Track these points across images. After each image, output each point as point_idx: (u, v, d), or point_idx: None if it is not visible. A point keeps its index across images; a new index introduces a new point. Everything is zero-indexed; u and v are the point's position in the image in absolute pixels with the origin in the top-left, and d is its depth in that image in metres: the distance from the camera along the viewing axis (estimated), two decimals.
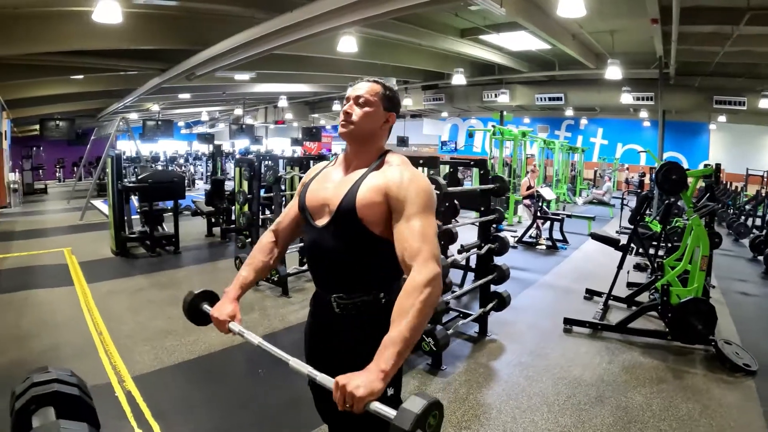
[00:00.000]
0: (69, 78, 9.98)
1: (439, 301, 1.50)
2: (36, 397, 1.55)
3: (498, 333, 4.33)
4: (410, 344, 1.31)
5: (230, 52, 7.50)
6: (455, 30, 8.62)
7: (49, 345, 4.13)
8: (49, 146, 20.56)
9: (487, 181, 4.33)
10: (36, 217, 11.55)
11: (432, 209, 1.53)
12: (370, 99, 1.64)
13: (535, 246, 8.08)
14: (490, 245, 4.32)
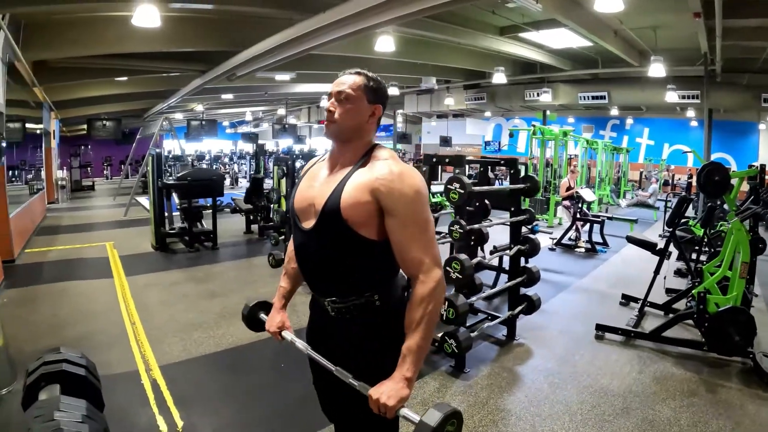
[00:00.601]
0: (114, 80, 10.39)
1: (443, 297, 1.51)
2: (45, 374, 1.63)
3: (527, 337, 4.19)
4: (425, 350, 1.44)
5: (268, 53, 7.62)
6: (494, 28, 8.50)
7: (83, 333, 4.29)
8: (97, 145, 21.43)
9: (518, 180, 4.20)
10: (82, 213, 12.06)
11: (426, 203, 1.48)
12: (351, 93, 1.53)
13: (573, 249, 7.83)
14: (519, 247, 4.19)
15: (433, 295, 1.42)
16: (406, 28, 7.52)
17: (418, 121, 23.90)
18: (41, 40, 6.42)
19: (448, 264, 3.55)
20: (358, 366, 1.53)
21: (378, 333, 1.57)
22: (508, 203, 4.30)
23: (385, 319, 1.56)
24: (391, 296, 1.57)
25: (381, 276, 1.56)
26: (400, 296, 1.62)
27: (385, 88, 1.62)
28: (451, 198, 3.57)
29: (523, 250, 4.20)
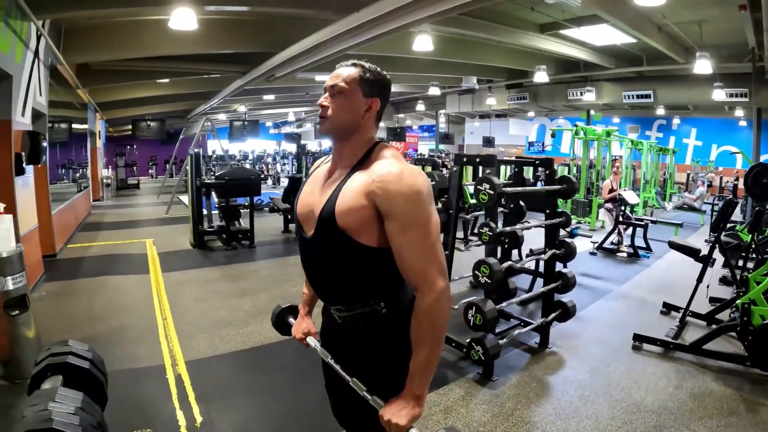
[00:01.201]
0: (156, 82, 10.68)
1: (448, 311, 1.39)
2: (50, 365, 1.70)
3: (560, 345, 3.99)
4: (434, 365, 1.37)
5: (305, 53, 7.65)
6: (534, 25, 8.27)
7: (115, 326, 4.39)
8: (143, 145, 22.21)
9: (553, 181, 4.02)
10: (125, 210, 12.48)
11: (430, 207, 1.36)
12: (344, 87, 1.43)
13: (615, 253, 7.49)
14: (554, 251, 4.00)
15: (434, 310, 1.33)
16: (443, 26, 7.40)
17: (461, 122, 23.68)
18: (81, 44, 6.65)
19: (477, 268, 3.43)
20: (364, 371, 1.49)
21: (384, 339, 1.49)
22: (545, 205, 4.12)
23: (391, 325, 1.48)
24: (398, 303, 1.48)
25: (386, 284, 1.46)
26: (409, 302, 1.50)
27: (383, 80, 1.49)
28: (481, 199, 3.44)
29: (558, 255, 4.00)
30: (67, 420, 1.05)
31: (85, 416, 1.19)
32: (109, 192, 15.27)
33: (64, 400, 1.22)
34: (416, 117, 24.44)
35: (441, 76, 11.99)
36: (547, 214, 4.07)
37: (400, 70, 10.81)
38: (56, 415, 1.07)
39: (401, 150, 21.36)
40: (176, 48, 7.04)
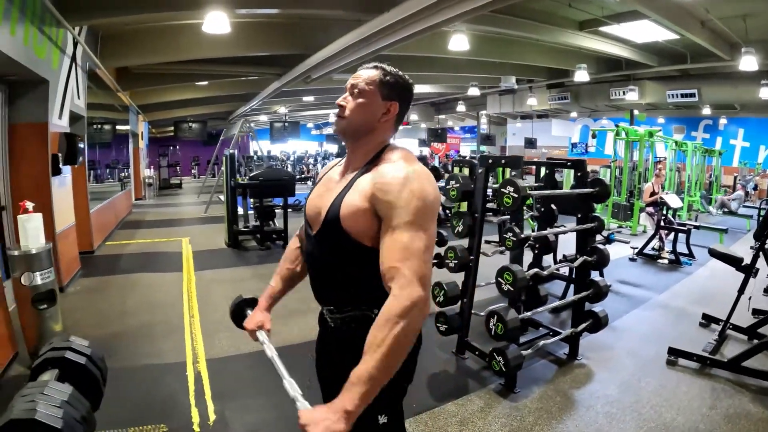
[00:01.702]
0: (194, 84, 10.95)
1: (419, 328, 1.23)
2: (49, 359, 1.70)
3: (590, 357, 3.79)
4: (380, 384, 1.17)
5: (339, 54, 7.66)
6: (573, 23, 7.99)
7: (144, 322, 4.50)
8: (185, 145, 22.87)
9: (585, 184, 3.83)
10: (165, 209, 12.86)
11: (428, 217, 1.28)
12: (364, 88, 1.40)
13: (656, 260, 7.12)
14: (585, 257, 3.81)
15: (404, 316, 1.17)
16: (479, 25, 7.25)
17: (503, 123, 23.30)
18: (118, 49, 6.89)
19: (500, 274, 3.30)
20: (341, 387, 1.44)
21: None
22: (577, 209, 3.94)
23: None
24: None
25: (382, 289, 1.37)
26: None
27: (404, 84, 1.45)
28: (505, 202, 3.31)
29: (590, 262, 3.80)
30: (50, 413, 1.08)
31: (70, 410, 1.22)
32: (151, 191, 15.79)
33: (52, 393, 1.25)
34: (458, 118, 24.19)
35: (479, 76, 11.80)
36: (578, 219, 3.90)
37: (437, 70, 10.69)
38: (41, 407, 1.10)
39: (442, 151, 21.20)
40: (210, 51, 7.18)
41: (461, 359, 3.80)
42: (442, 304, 3.78)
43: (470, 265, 3.79)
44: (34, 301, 3.27)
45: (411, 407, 3.06)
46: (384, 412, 1.39)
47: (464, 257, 3.77)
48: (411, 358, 1.49)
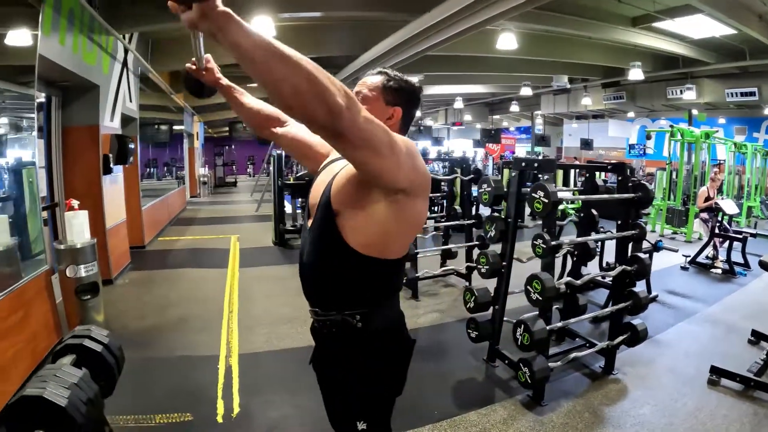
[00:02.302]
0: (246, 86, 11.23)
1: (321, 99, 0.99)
2: (68, 345, 1.77)
3: (626, 372, 3.59)
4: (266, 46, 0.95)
5: (386, 55, 7.71)
6: (625, 19, 7.64)
7: (184, 315, 4.68)
8: (241, 145, 23.66)
9: (626, 188, 3.64)
10: (218, 207, 13.34)
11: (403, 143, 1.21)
12: (367, 95, 1.41)
13: (709, 269, 6.66)
14: (624, 267, 3.61)
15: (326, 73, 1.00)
16: (526, 23, 7.10)
17: (559, 123, 22.60)
18: (168, 53, 7.25)
19: (529, 282, 3.19)
20: (328, 388, 1.51)
21: (354, 362, 1.42)
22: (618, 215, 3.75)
23: (364, 349, 1.41)
24: (375, 321, 1.40)
25: (367, 296, 1.39)
26: (388, 325, 1.45)
27: (409, 89, 1.44)
28: (535, 208, 3.20)
29: (629, 272, 3.61)
30: (57, 392, 1.15)
31: (78, 391, 1.27)
32: (206, 189, 16.41)
33: (63, 376, 1.32)
34: (513, 118, 23.70)
35: (531, 76, 11.52)
36: (618, 226, 3.71)
37: (487, 69, 10.55)
38: (50, 387, 1.18)
39: (497, 152, 20.83)
40: None
41: (491, 367, 3.71)
42: (473, 310, 3.70)
43: (502, 272, 3.70)
44: (77, 292, 3.48)
45: (432, 414, 3.02)
46: (363, 419, 1.39)
47: (496, 263, 3.68)
48: (397, 371, 1.48)
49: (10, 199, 3.89)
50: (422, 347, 4.21)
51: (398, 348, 1.48)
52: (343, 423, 1.45)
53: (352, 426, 1.39)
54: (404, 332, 1.52)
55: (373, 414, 1.42)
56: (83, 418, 1.09)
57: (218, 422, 2.92)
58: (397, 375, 1.47)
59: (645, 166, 17.92)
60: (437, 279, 5.88)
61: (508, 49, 7.63)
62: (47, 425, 1.06)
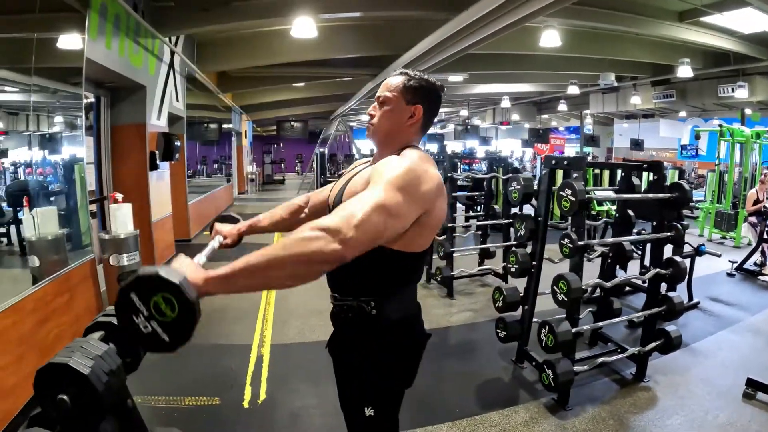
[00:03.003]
0: (291, 86, 11.54)
1: (320, 263, 1.07)
2: (99, 322, 1.99)
3: (658, 380, 3.45)
4: (252, 274, 1.03)
5: (426, 54, 7.68)
6: (672, 13, 7.28)
7: (221, 306, 4.84)
8: (290, 143, 24.20)
9: (662, 189, 3.50)
10: (265, 203, 13.69)
11: (403, 188, 1.22)
12: (388, 96, 1.48)
13: (756, 276, 6.24)
14: (659, 270, 3.47)
15: (306, 238, 1.04)
16: (569, 19, 6.89)
17: (609, 123, 21.84)
18: (214, 54, 7.53)
19: (555, 283, 3.13)
20: (341, 373, 1.56)
21: (368, 348, 1.46)
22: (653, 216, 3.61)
23: (378, 336, 1.45)
24: (389, 309, 1.44)
25: (382, 283, 1.44)
26: (403, 313, 1.49)
27: (428, 87, 1.50)
28: (562, 206, 3.14)
29: (663, 275, 3.46)
30: (82, 361, 1.21)
31: (101, 362, 1.34)
32: (253, 186, 16.90)
33: (89, 348, 1.38)
34: (562, 117, 23.05)
35: (577, 74, 11.19)
36: (653, 227, 3.57)
37: (531, 68, 10.32)
38: (76, 356, 1.24)
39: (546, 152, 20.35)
40: (300, 55, 7.55)
41: (519, 368, 3.67)
42: (502, 309, 3.67)
43: (532, 271, 3.64)
44: (119, 279, 3.70)
45: (453, 411, 3.03)
46: (371, 405, 1.44)
47: (526, 262, 3.63)
48: (409, 365, 1.51)
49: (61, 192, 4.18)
50: (452, 345, 4.26)
51: (411, 342, 1.52)
52: (352, 407, 1.50)
53: (360, 411, 1.44)
54: (418, 325, 1.55)
55: (381, 402, 1.46)
56: (104, 387, 1.14)
57: (244, 407, 3.05)
58: (408, 369, 1.51)
59: (697, 168, 17.03)
60: (474, 278, 5.85)
61: (552, 47, 7.46)
62: (70, 391, 1.11)
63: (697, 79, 10.67)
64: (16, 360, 2.68)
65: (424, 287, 5.59)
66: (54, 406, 1.06)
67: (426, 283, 5.71)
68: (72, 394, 1.08)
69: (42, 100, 3.92)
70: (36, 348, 2.87)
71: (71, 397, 1.07)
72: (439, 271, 5.33)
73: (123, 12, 4.42)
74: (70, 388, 1.09)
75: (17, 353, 2.70)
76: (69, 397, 1.06)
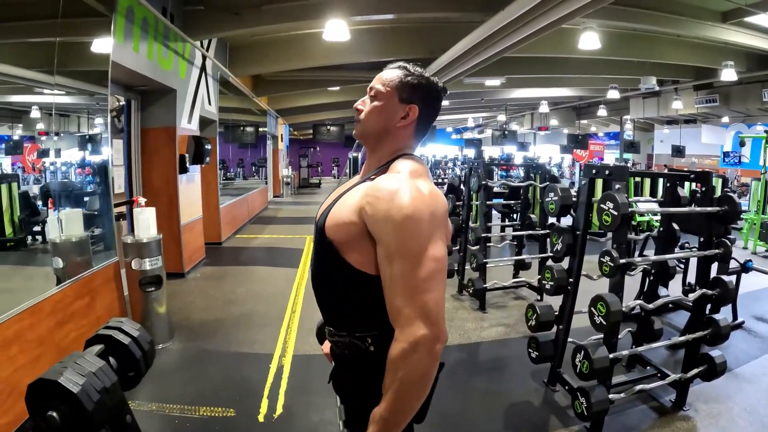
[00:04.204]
0: (326, 89, 11.55)
1: (431, 369, 1.15)
2: (99, 335, 1.94)
3: (699, 409, 3.16)
4: (394, 425, 1.16)
5: (461, 57, 7.54)
6: (714, 14, 6.89)
7: (247, 312, 4.83)
8: (326, 147, 24.34)
9: (710, 201, 3.22)
10: (299, 207, 13.79)
11: (424, 235, 1.12)
12: (380, 90, 1.30)
13: None
14: (705, 291, 3.20)
15: (405, 360, 1.10)
16: (608, 20, 6.62)
17: (650, 128, 21.07)
18: (247, 58, 7.55)
19: (593, 304, 2.90)
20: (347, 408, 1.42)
21: (365, 385, 1.29)
22: (700, 231, 3.34)
23: (377, 370, 1.26)
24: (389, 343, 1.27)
25: (379, 318, 1.24)
26: None
27: (428, 86, 1.32)
28: (603, 221, 2.91)
29: (709, 296, 3.18)
30: (72, 378, 1.22)
31: (93, 380, 1.33)
32: (289, 189, 17.04)
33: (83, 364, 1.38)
34: (601, 123, 22.41)
35: (617, 77, 10.80)
36: (700, 243, 3.29)
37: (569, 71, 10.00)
38: (67, 373, 1.26)
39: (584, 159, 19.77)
40: (333, 58, 7.51)
41: (551, 391, 3.45)
42: (535, 328, 3.46)
43: (569, 289, 3.42)
44: (141, 284, 3.70)
45: None
46: None
47: (562, 279, 3.41)
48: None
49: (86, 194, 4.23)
50: (482, 362, 4.09)
51: None
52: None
53: None
54: None
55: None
56: (94, 406, 1.13)
57: (259, 421, 2.96)
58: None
59: (740, 176, 16.15)
60: (508, 290, 5.63)
61: (590, 49, 7.21)
62: (60, 408, 1.11)
63: (741, 82, 10.18)
64: (33, 360, 2.69)
65: (455, 299, 5.42)
66: (44, 422, 1.07)
67: (458, 295, 5.53)
68: (62, 411, 1.08)
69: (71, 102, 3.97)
70: (54, 349, 2.89)
71: (61, 414, 1.07)
72: (471, 282, 5.14)
73: (151, 16, 4.44)
74: (60, 406, 1.08)
75: (34, 354, 2.71)
76: (59, 414, 1.06)
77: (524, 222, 5.79)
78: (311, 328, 4.32)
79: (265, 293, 5.46)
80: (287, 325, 4.56)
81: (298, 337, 4.27)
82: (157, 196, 4.65)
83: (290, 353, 3.94)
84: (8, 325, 2.52)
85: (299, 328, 4.47)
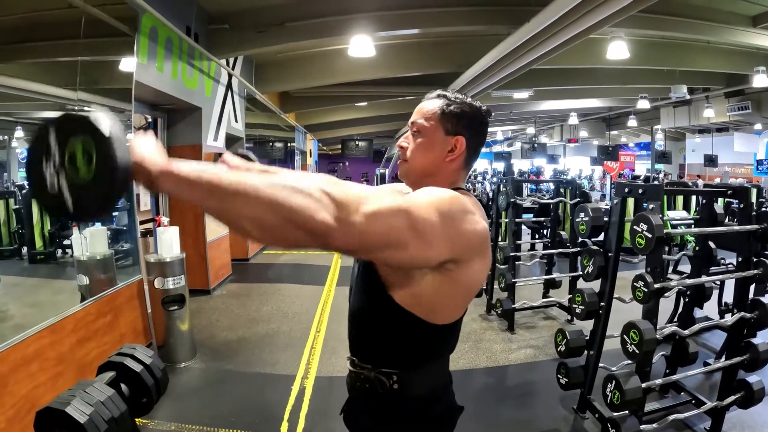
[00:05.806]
0: (354, 105, 11.62)
1: (298, 226, 0.82)
2: (111, 362, 1.94)
3: None
4: (215, 193, 0.80)
5: (488, 71, 7.46)
6: (745, 18, 6.62)
7: (271, 331, 4.80)
8: (355, 162, 24.49)
9: (749, 218, 3.04)
10: None
11: (442, 212, 1.00)
12: (423, 125, 1.21)
13: None
14: (743, 314, 3.00)
15: (298, 186, 0.83)
16: (636, 29, 6.46)
17: (681, 138, 20.48)
18: (273, 75, 7.62)
19: (626, 331, 2.74)
20: None
21: (385, 426, 1.24)
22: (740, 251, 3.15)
23: (398, 416, 1.22)
24: (415, 385, 1.21)
25: (407, 355, 1.20)
26: (431, 392, 1.25)
27: (474, 113, 1.24)
28: (637, 244, 2.76)
29: (747, 319, 2.99)
30: (80, 408, 1.22)
31: (102, 409, 1.34)
32: None
33: (93, 393, 1.39)
34: (632, 133, 21.85)
35: (647, 87, 10.54)
36: (738, 263, 3.11)
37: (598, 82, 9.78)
38: (75, 402, 1.25)
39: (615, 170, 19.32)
40: (359, 74, 7.53)
41: (580, 419, 3.29)
42: (564, 354, 3.33)
43: (600, 313, 3.27)
44: (164, 302, 3.72)
45: None
46: None
47: (593, 303, 3.26)
48: None
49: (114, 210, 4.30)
50: (509, 387, 3.94)
51: (438, 417, 1.28)
52: None
53: None
54: (449, 397, 1.32)
55: None
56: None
57: None
58: None
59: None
60: (537, 310, 5.45)
61: (619, 59, 7.08)
62: None
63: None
64: (53, 378, 2.72)
65: (483, 319, 5.29)
66: None
67: (486, 314, 5.39)
68: None
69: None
70: (75, 366, 2.92)
71: None
72: (499, 303, 5.00)
73: (175, 36, 4.50)
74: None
75: (55, 371, 2.74)
76: None
77: (554, 239, 5.64)
78: (336, 348, 4.31)
79: (290, 312, 5.42)
80: (311, 345, 4.50)
81: (321, 357, 4.20)
82: (183, 214, 4.70)
83: (313, 375, 3.87)
84: (29, 342, 2.55)
85: (323, 347, 4.42)
